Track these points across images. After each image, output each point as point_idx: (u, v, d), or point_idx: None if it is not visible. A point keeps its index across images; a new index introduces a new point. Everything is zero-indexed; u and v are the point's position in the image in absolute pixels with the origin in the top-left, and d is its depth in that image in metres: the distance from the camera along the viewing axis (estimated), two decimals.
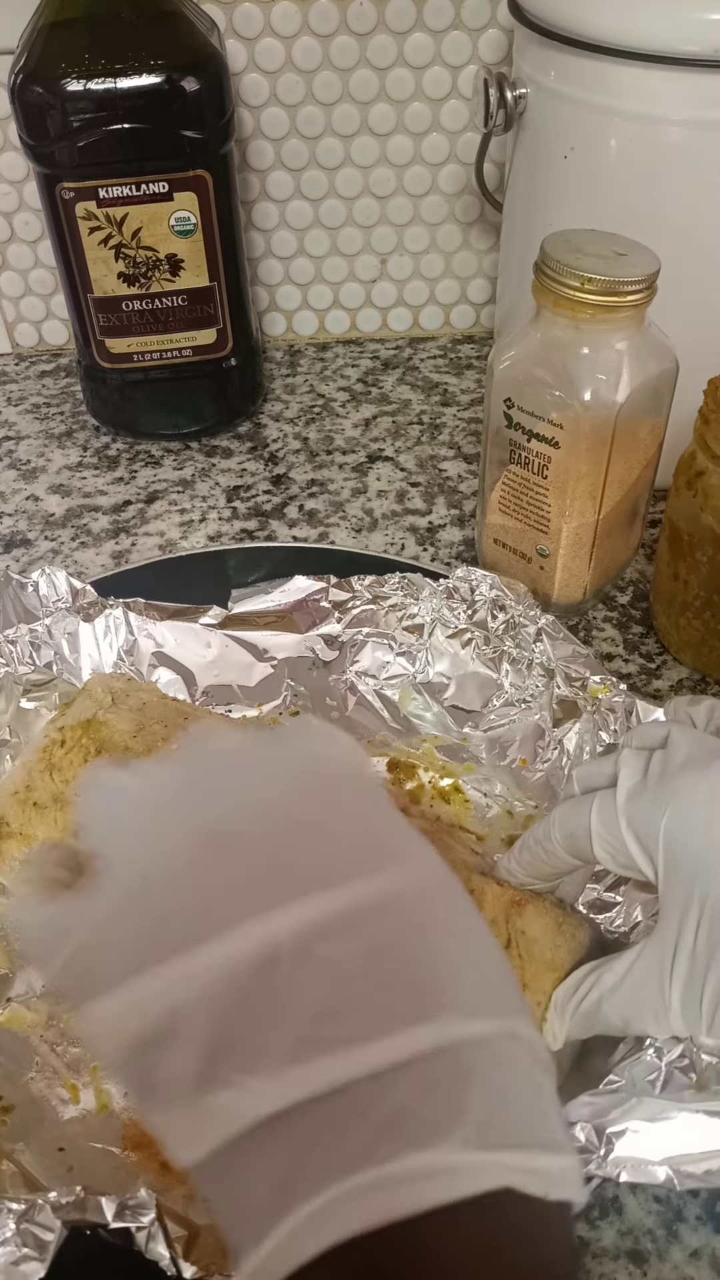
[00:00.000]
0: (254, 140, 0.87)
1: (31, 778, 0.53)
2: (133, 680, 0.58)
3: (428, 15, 0.81)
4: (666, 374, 0.59)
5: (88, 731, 0.53)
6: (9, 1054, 0.47)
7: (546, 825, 0.46)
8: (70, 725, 0.54)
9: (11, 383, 0.94)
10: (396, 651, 0.61)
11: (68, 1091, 0.46)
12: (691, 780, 0.41)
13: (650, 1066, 0.42)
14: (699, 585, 0.60)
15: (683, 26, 0.60)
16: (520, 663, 0.59)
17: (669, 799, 0.41)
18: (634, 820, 0.41)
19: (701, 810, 0.40)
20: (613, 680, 0.56)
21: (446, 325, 0.98)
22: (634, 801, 0.42)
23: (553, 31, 0.65)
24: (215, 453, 0.85)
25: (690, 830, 0.40)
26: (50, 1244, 0.35)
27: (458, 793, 0.57)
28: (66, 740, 0.53)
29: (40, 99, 0.69)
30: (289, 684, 0.61)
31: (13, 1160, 0.43)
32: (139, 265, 0.76)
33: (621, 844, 0.42)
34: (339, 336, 0.98)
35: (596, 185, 0.67)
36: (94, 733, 0.53)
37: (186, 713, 0.55)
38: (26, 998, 0.49)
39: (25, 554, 0.75)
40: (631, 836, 0.41)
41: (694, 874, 0.39)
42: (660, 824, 0.40)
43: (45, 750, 0.53)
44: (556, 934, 0.46)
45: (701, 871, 0.39)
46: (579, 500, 0.61)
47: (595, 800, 0.43)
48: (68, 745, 0.53)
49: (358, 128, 0.87)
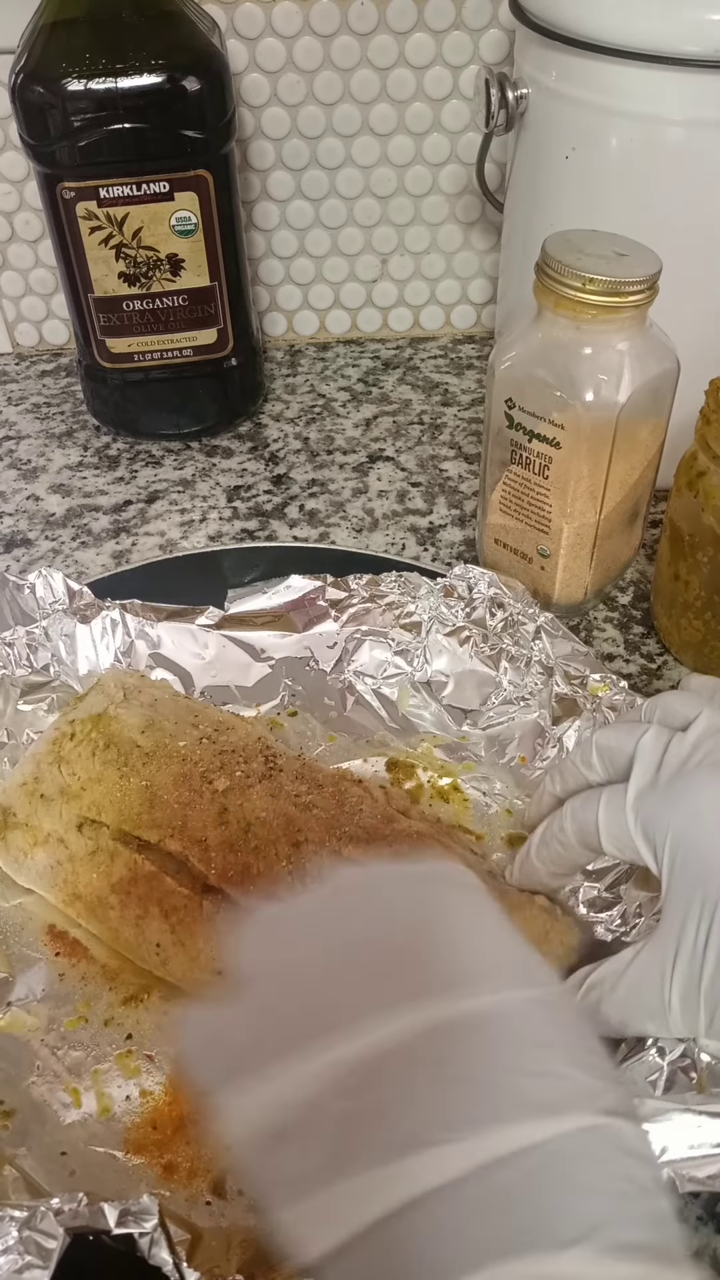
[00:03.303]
0: (255, 140, 0.87)
1: (40, 769, 0.53)
2: (145, 677, 0.58)
3: (429, 15, 0.81)
4: (668, 374, 0.59)
5: (97, 726, 0.53)
6: (9, 1058, 0.47)
7: (560, 819, 0.46)
8: (81, 719, 0.54)
9: (12, 382, 0.94)
10: (394, 650, 0.61)
11: (69, 1095, 0.46)
12: (703, 781, 0.41)
13: (652, 1067, 0.42)
14: (700, 586, 0.60)
15: (683, 26, 0.60)
16: (519, 660, 0.59)
17: (679, 799, 0.41)
18: (642, 818, 0.41)
19: (711, 813, 0.40)
20: (613, 678, 0.56)
21: (447, 325, 0.98)
22: (643, 799, 0.42)
23: (554, 32, 0.65)
24: (216, 453, 0.85)
25: (699, 832, 0.40)
26: (53, 1251, 0.35)
27: (457, 791, 0.57)
28: (76, 734, 0.53)
29: (41, 98, 0.69)
30: (286, 684, 0.61)
31: (14, 1165, 0.42)
32: (140, 265, 0.76)
33: (629, 840, 0.42)
34: (340, 336, 0.98)
35: (597, 185, 0.67)
36: (104, 727, 0.53)
37: (198, 711, 0.55)
38: (27, 1002, 0.49)
39: (26, 554, 0.75)
40: (640, 834, 0.41)
41: (699, 875, 0.39)
42: (669, 824, 0.40)
43: (54, 743, 0.54)
44: (543, 943, 0.47)
45: (707, 873, 0.39)
46: (580, 500, 0.61)
47: (604, 796, 0.43)
48: (77, 739, 0.53)
49: (359, 128, 0.86)
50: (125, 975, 0.50)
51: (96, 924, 0.50)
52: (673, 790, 0.41)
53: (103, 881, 0.49)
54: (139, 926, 0.48)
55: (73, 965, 0.50)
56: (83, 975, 0.50)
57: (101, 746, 0.52)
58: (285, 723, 0.60)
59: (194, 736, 0.53)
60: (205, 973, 0.47)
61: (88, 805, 0.51)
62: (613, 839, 0.43)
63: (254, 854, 0.47)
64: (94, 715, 0.54)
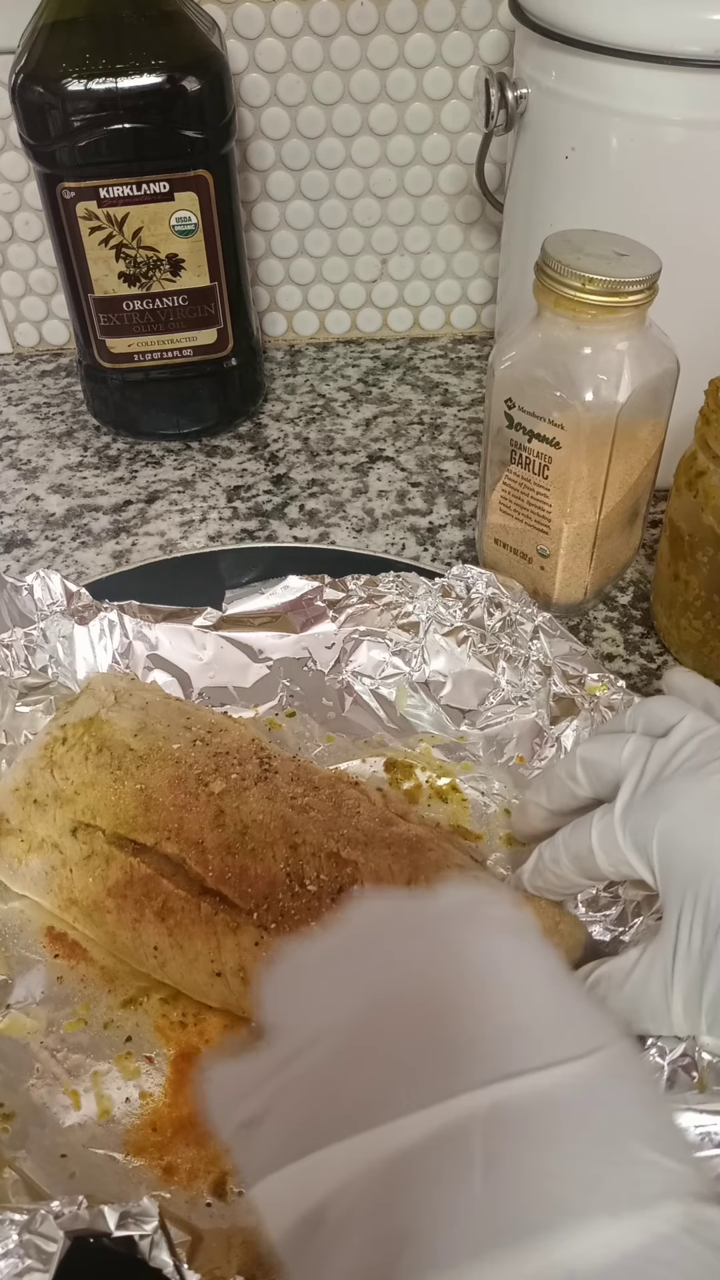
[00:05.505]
0: (255, 140, 0.87)
1: (32, 775, 0.53)
2: (135, 680, 0.58)
3: (429, 15, 0.81)
4: (667, 374, 0.59)
5: (89, 729, 0.53)
6: (9, 1061, 0.47)
7: (554, 848, 0.46)
8: (72, 723, 0.54)
9: (12, 382, 0.94)
10: (392, 650, 0.61)
11: (69, 1098, 0.46)
12: (686, 785, 0.41)
13: (653, 1066, 0.42)
14: (700, 585, 0.60)
15: (683, 26, 0.60)
16: (517, 660, 0.59)
17: (664, 804, 0.41)
18: (630, 829, 0.42)
19: (696, 812, 0.40)
20: (611, 677, 0.56)
21: (447, 325, 0.98)
22: (629, 811, 0.42)
23: (554, 32, 0.64)
24: (216, 453, 0.85)
25: (685, 832, 0.40)
26: (54, 1254, 0.35)
27: (455, 792, 0.57)
28: (68, 738, 0.53)
29: (41, 99, 0.69)
30: (284, 684, 0.61)
31: (14, 1168, 0.42)
32: (140, 265, 0.75)
33: (622, 856, 0.42)
34: (339, 336, 0.98)
35: (597, 185, 0.67)
36: (96, 731, 0.53)
37: (189, 713, 0.55)
38: (26, 1004, 0.49)
39: (25, 554, 0.75)
40: (630, 845, 0.41)
41: (690, 874, 0.40)
42: (655, 829, 0.40)
43: (46, 748, 0.53)
44: (554, 934, 0.47)
45: (697, 872, 0.39)
46: (580, 500, 0.61)
47: (595, 821, 0.43)
48: (69, 743, 0.53)
49: (358, 128, 0.86)
50: (124, 977, 0.50)
51: (93, 928, 0.50)
52: (656, 795, 0.41)
53: (98, 885, 0.49)
54: (135, 930, 0.48)
55: (72, 967, 0.50)
56: (82, 977, 0.50)
57: (94, 750, 0.52)
58: (283, 723, 0.60)
59: (187, 739, 0.52)
60: (203, 974, 0.47)
61: (82, 809, 0.50)
62: (609, 859, 0.43)
63: (251, 856, 0.47)
64: (85, 719, 0.54)
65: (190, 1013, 0.48)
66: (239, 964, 0.46)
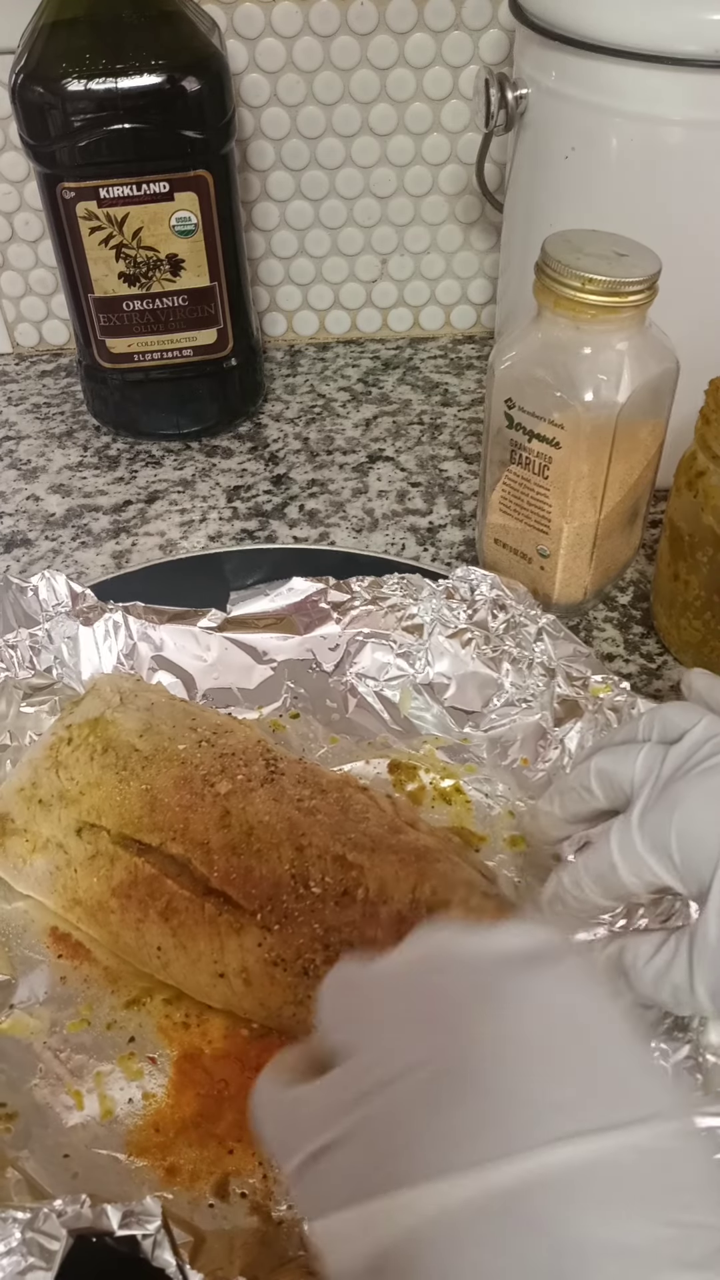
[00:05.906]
0: (255, 140, 0.87)
1: (38, 775, 0.53)
2: (141, 681, 0.58)
3: (429, 15, 0.81)
4: (667, 374, 0.59)
5: (95, 730, 0.53)
6: (12, 1061, 0.47)
7: (573, 872, 0.45)
8: (78, 724, 0.54)
9: (12, 382, 0.94)
10: (396, 652, 0.61)
11: (71, 1098, 0.46)
12: (697, 780, 0.41)
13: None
14: (700, 586, 0.60)
15: (683, 26, 0.60)
16: (521, 662, 0.59)
17: (677, 801, 0.41)
18: (648, 833, 0.42)
19: (709, 801, 0.40)
20: (614, 679, 0.56)
21: (447, 325, 0.98)
22: (646, 815, 0.42)
23: (554, 32, 0.64)
24: (216, 453, 0.85)
25: (700, 823, 0.40)
26: (56, 1253, 0.35)
27: (459, 793, 0.57)
28: (74, 738, 0.53)
29: (41, 99, 0.69)
30: (289, 686, 0.61)
31: (17, 1168, 0.43)
32: (139, 265, 0.75)
33: (643, 861, 0.42)
34: (339, 336, 0.98)
35: (597, 185, 0.67)
36: (101, 731, 0.53)
37: (195, 714, 0.55)
38: (29, 1004, 0.49)
39: (26, 554, 0.75)
40: (649, 848, 0.41)
41: (708, 861, 0.40)
42: (671, 825, 0.41)
43: (52, 748, 0.53)
44: None
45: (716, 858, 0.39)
46: (580, 500, 0.61)
47: (613, 833, 0.43)
48: (75, 743, 0.53)
49: (358, 128, 0.86)
50: (127, 978, 0.50)
51: (97, 929, 0.50)
52: (669, 796, 0.41)
53: (103, 886, 0.49)
54: (139, 930, 0.48)
55: (75, 968, 0.50)
56: (85, 978, 0.50)
57: (99, 751, 0.52)
58: (287, 725, 0.60)
59: (192, 740, 0.52)
60: (206, 975, 0.47)
61: (87, 810, 0.51)
62: (630, 867, 0.42)
63: (256, 857, 0.47)
64: (91, 719, 0.54)
65: (193, 1014, 0.48)
66: (242, 965, 0.46)
